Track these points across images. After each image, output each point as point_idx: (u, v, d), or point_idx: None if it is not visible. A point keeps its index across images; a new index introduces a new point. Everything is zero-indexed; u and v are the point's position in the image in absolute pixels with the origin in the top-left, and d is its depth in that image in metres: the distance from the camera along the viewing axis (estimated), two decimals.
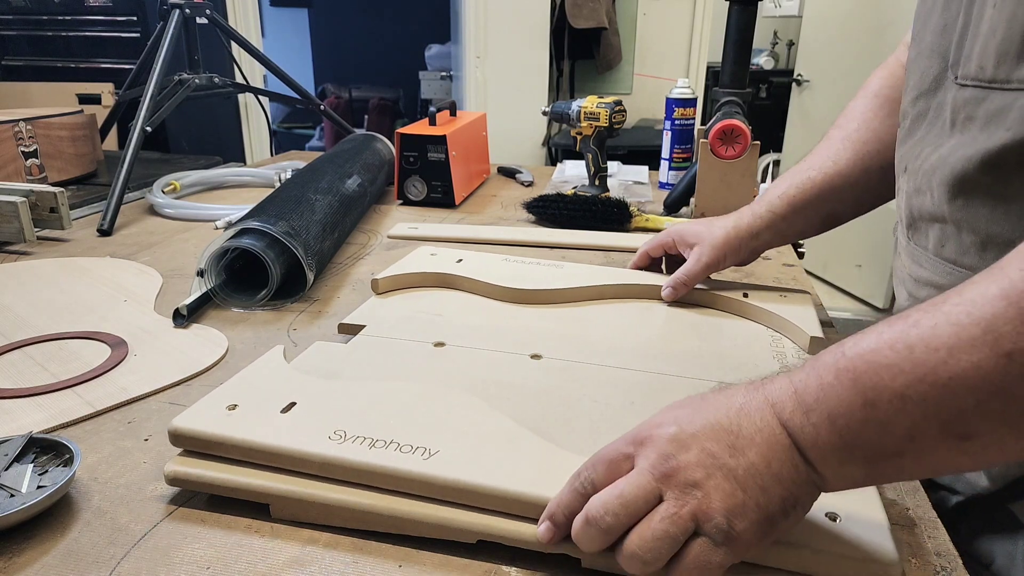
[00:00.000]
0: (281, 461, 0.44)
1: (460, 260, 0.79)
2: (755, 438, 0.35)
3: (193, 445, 0.46)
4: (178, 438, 0.46)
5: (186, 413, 0.47)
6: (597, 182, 1.17)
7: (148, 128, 1.17)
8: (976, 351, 0.30)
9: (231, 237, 0.75)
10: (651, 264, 0.80)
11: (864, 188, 0.68)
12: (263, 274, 0.75)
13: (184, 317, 0.71)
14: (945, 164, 0.49)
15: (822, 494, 0.36)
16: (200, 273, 0.75)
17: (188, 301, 0.72)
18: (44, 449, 0.48)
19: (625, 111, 1.13)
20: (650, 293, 0.73)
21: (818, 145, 0.72)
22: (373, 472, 0.42)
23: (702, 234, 0.72)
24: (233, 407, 0.48)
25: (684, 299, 0.72)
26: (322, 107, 1.59)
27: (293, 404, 0.48)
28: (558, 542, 0.39)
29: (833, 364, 0.34)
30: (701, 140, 1.04)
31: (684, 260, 0.73)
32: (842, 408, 0.33)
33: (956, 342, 0.31)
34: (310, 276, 0.77)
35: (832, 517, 0.40)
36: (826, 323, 0.72)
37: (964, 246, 0.50)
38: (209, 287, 0.75)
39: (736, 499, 0.34)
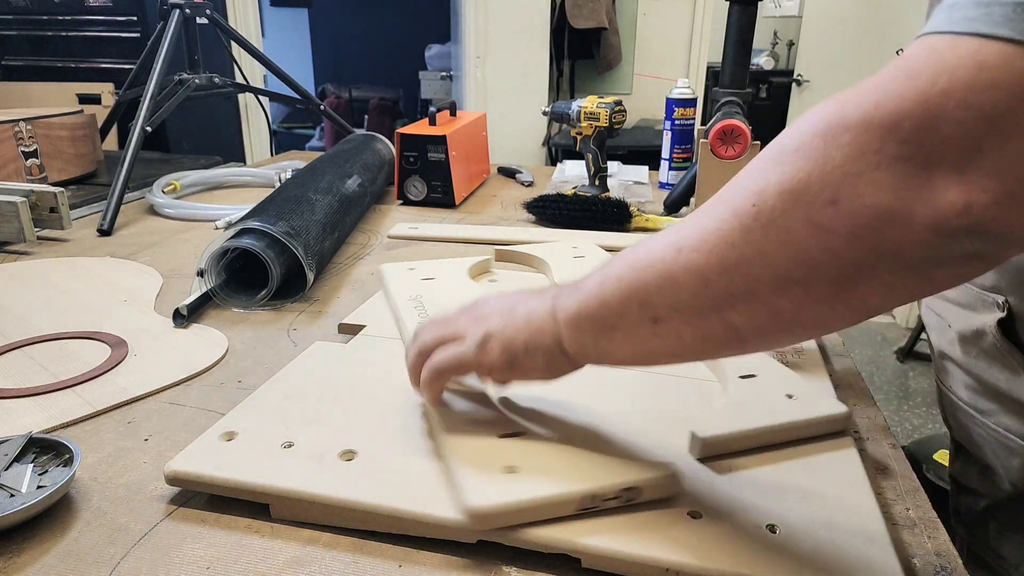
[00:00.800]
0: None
1: (412, 268, 0.81)
2: (531, 303, 0.44)
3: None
4: None
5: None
6: (597, 182, 1.17)
7: (148, 128, 1.17)
8: (661, 245, 0.37)
9: (231, 237, 0.75)
10: None
11: None
12: (263, 274, 0.75)
13: (184, 317, 0.71)
14: None
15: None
16: (200, 273, 0.75)
17: (188, 301, 0.72)
18: (44, 449, 0.48)
19: (625, 111, 1.13)
20: None
21: None
22: None
23: None
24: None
25: None
26: (322, 107, 1.59)
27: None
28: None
29: (608, 260, 0.41)
30: (701, 140, 1.04)
31: None
32: (589, 286, 0.40)
33: (658, 239, 0.37)
34: (310, 276, 0.77)
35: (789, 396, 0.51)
36: None
37: None
38: (209, 287, 0.75)
39: (494, 327, 0.44)
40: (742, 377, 0.54)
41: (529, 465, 0.43)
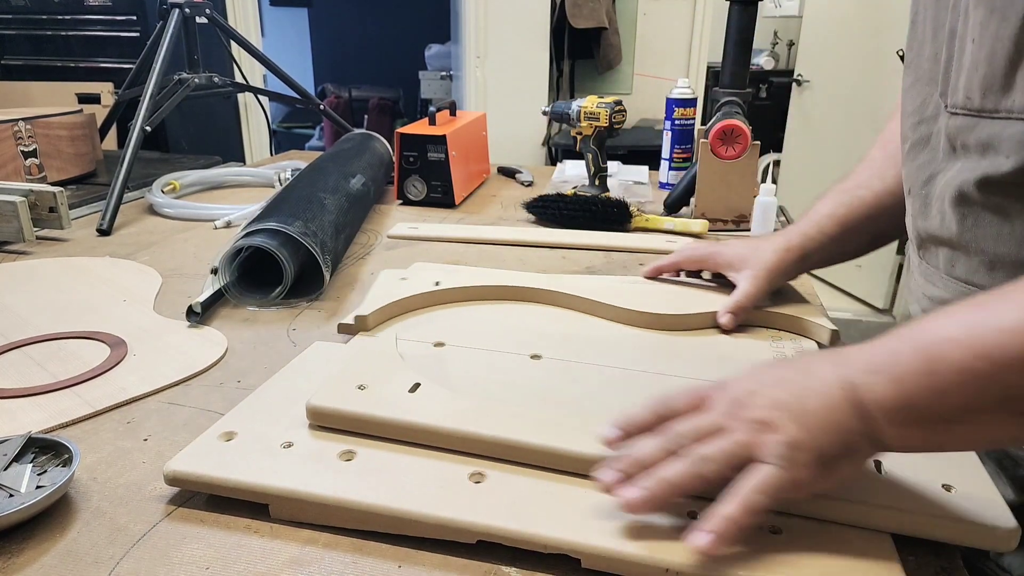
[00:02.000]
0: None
1: (438, 283, 0.74)
2: (820, 389, 0.37)
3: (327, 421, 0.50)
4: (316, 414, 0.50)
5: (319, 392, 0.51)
6: (597, 182, 1.17)
7: (148, 127, 1.16)
8: (1009, 332, 0.32)
9: (245, 236, 0.75)
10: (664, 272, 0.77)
11: None
12: (272, 274, 0.75)
13: (198, 315, 0.71)
14: (950, 187, 0.50)
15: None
16: (214, 271, 0.75)
17: (201, 298, 0.72)
18: (43, 449, 0.48)
19: (625, 111, 1.13)
20: (700, 322, 0.69)
21: (858, 166, 0.69)
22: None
23: (750, 258, 0.69)
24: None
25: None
26: (322, 107, 1.59)
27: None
28: (616, 446, 0.41)
29: (902, 335, 0.37)
30: (701, 140, 1.04)
31: (719, 276, 0.73)
32: (906, 372, 0.35)
33: (1018, 326, 0.32)
34: (327, 275, 0.78)
35: (947, 488, 0.42)
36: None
37: (973, 266, 0.50)
38: (223, 283, 0.76)
39: (797, 435, 0.36)
40: None
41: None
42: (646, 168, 1.45)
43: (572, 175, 1.37)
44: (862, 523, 0.41)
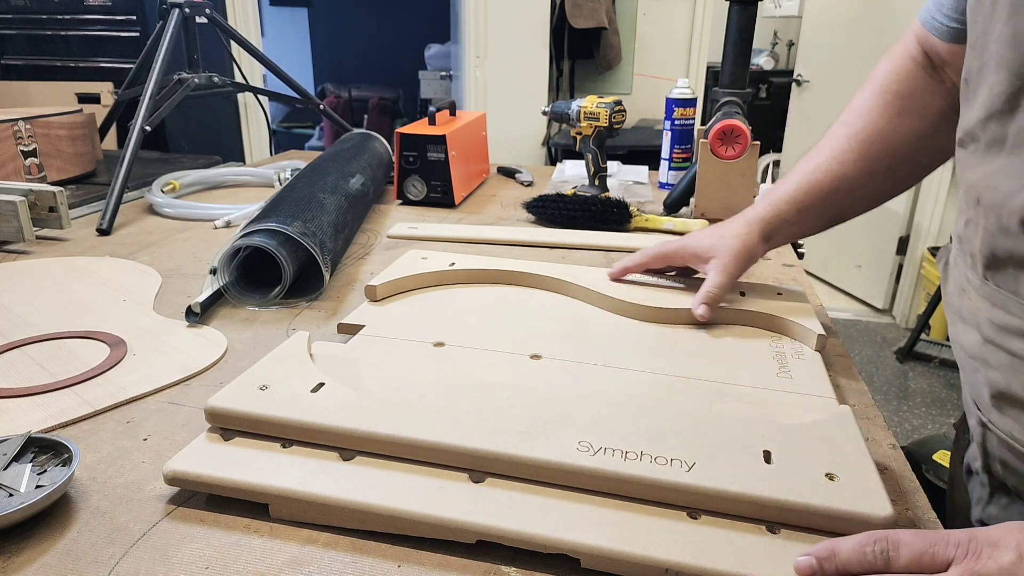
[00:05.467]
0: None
1: (452, 263, 0.79)
2: None
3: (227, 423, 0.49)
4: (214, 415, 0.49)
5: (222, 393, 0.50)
6: (597, 182, 1.17)
7: (147, 127, 1.16)
8: None
9: (244, 235, 0.75)
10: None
11: (870, 189, 0.67)
12: (271, 274, 0.75)
13: (197, 315, 0.71)
14: None
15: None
16: (213, 271, 0.75)
17: (201, 298, 0.72)
18: (43, 449, 0.48)
19: (625, 111, 1.13)
20: (678, 318, 0.69)
21: (822, 141, 0.70)
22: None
23: (717, 246, 0.70)
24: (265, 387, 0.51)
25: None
26: (322, 107, 1.59)
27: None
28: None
29: None
30: (701, 140, 1.04)
31: (687, 271, 0.74)
32: None
33: None
34: (326, 275, 0.78)
35: (831, 477, 0.43)
36: (827, 327, 0.72)
37: None
38: (221, 284, 0.76)
39: None
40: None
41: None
42: (646, 168, 1.45)
43: (572, 175, 1.37)
44: (742, 513, 0.41)
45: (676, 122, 1.26)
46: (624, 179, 1.34)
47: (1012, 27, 0.43)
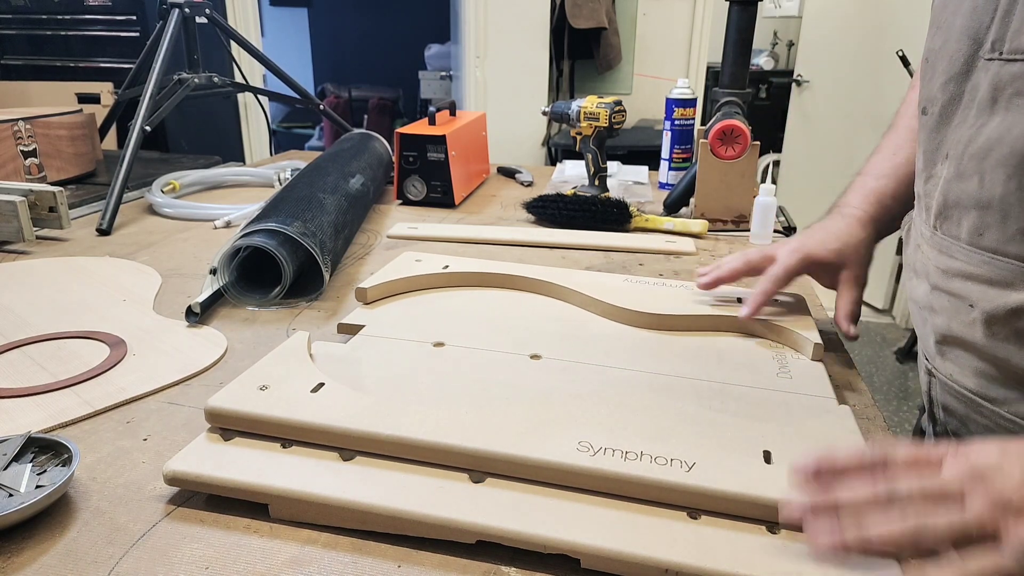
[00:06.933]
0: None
1: (446, 266, 0.78)
2: None
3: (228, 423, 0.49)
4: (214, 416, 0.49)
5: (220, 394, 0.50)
6: (597, 182, 1.17)
7: (147, 127, 1.16)
8: None
9: (244, 236, 0.75)
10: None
11: None
12: (271, 274, 0.75)
13: (197, 315, 0.71)
14: (1002, 144, 0.47)
15: None
16: (213, 271, 0.75)
17: (201, 299, 0.72)
18: (43, 449, 0.48)
19: (625, 111, 1.13)
20: (669, 324, 0.67)
21: (889, 134, 0.71)
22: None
23: (846, 256, 0.67)
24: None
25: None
26: (322, 107, 1.59)
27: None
28: (811, 483, 0.38)
29: None
30: (701, 140, 1.04)
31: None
32: None
33: None
34: (326, 275, 0.78)
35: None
36: (827, 329, 0.72)
37: (1008, 234, 0.47)
38: (221, 284, 0.76)
39: None
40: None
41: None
42: (646, 168, 1.45)
43: (572, 175, 1.37)
44: (742, 513, 0.41)
45: (676, 122, 1.26)
46: (624, 179, 1.34)
47: (974, 1, 0.50)
